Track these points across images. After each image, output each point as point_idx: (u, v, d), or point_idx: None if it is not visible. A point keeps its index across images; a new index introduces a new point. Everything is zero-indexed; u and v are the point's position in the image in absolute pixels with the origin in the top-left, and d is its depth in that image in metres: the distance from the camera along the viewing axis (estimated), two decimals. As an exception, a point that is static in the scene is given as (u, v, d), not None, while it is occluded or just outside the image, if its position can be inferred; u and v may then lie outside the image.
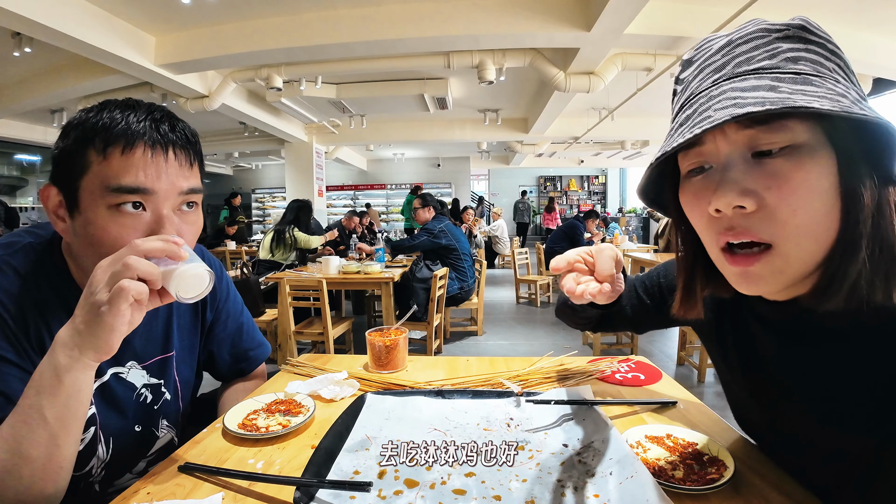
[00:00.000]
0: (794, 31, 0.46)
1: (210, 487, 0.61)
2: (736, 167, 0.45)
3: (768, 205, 0.44)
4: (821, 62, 0.45)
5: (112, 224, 0.63)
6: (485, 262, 4.40)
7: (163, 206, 0.66)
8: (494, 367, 1.03)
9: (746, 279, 0.48)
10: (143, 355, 0.82)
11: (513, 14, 3.95)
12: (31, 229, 0.75)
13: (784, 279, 0.47)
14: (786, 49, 0.45)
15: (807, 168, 0.43)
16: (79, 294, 0.71)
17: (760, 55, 0.46)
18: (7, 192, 8.71)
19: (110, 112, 0.65)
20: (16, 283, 0.67)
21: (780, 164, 0.43)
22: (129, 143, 0.63)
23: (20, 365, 0.65)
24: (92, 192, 0.63)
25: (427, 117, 8.27)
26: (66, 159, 0.65)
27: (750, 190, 0.44)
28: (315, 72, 5.06)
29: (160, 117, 0.67)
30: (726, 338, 0.65)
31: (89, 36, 3.86)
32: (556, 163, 13.77)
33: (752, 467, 0.62)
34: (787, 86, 0.43)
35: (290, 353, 3.00)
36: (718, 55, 0.49)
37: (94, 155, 0.63)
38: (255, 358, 1.04)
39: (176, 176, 0.67)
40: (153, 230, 0.65)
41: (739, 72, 0.46)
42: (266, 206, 13.85)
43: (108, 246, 0.64)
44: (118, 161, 0.63)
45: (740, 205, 0.44)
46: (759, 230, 0.45)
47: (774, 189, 0.43)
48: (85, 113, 0.66)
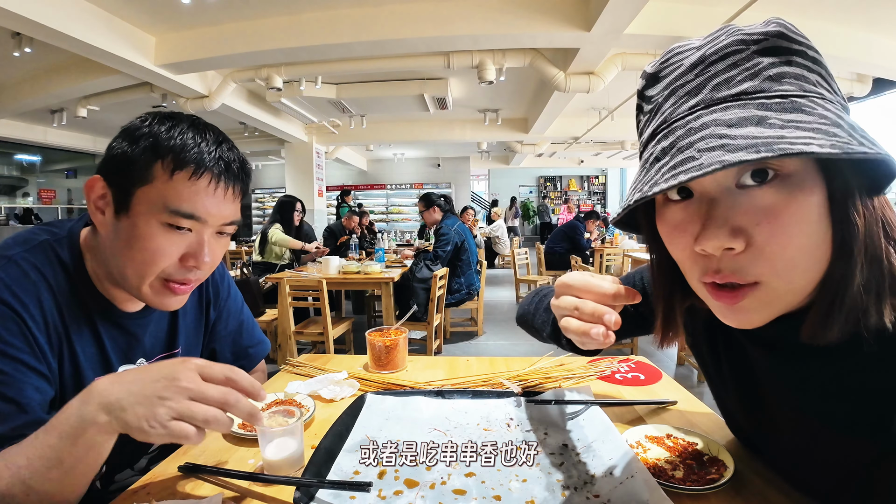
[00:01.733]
0: (773, 39, 0.42)
1: (210, 487, 0.61)
2: (723, 202, 0.42)
3: (757, 242, 0.41)
4: (804, 76, 0.42)
5: (159, 237, 0.66)
6: (485, 262, 4.40)
7: (207, 232, 0.69)
8: (494, 367, 1.03)
9: (734, 313, 0.45)
10: (151, 352, 0.84)
11: (513, 14, 3.95)
12: (45, 227, 0.75)
13: (773, 311, 0.45)
14: (766, 65, 0.41)
15: (798, 200, 0.40)
16: (94, 292, 0.73)
17: (740, 76, 0.42)
18: (7, 192, 8.71)
19: (183, 133, 0.67)
20: (35, 280, 0.67)
21: (770, 197, 0.40)
22: (197, 171, 0.66)
23: (36, 369, 0.65)
24: (148, 204, 0.65)
25: (427, 117, 8.27)
26: (127, 163, 0.66)
27: (739, 228, 0.41)
28: (315, 72, 5.07)
29: (227, 148, 0.71)
30: (718, 354, 0.63)
31: (89, 36, 3.86)
32: (556, 163, 13.77)
33: (752, 467, 0.62)
34: (776, 116, 0.39)
35: (290, 354, 3.00)
36: (691, 74, 0.44)
37: (161, 172, 0.65)
38: (256, 355, 1.04)
39: (227, 208, 0.71)
40: (192, 249, 0.69)
41: (719, 97, 0.42)
42: (266, 206, 13.85)
43: (146, 254, 0.67)
44: (184, 185, 0.66)
45: (730, 246, 0.41)
46: (746, 272, 0.42)
47: (764, 225, 0.40)
48: (156, 123, 0.67)
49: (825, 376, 0.50)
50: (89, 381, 0.72)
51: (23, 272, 0.66)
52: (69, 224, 0.76)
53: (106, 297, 0.75)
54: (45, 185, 10.21)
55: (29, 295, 0.65)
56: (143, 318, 0.80)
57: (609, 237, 6.77)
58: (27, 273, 0.66)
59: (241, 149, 0.78)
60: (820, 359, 0.49)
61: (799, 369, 0.51)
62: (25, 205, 8.75)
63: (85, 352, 0.72)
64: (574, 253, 5.29)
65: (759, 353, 0.55)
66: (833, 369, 0.49)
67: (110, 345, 0.76)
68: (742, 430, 0.69)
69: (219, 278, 0.97)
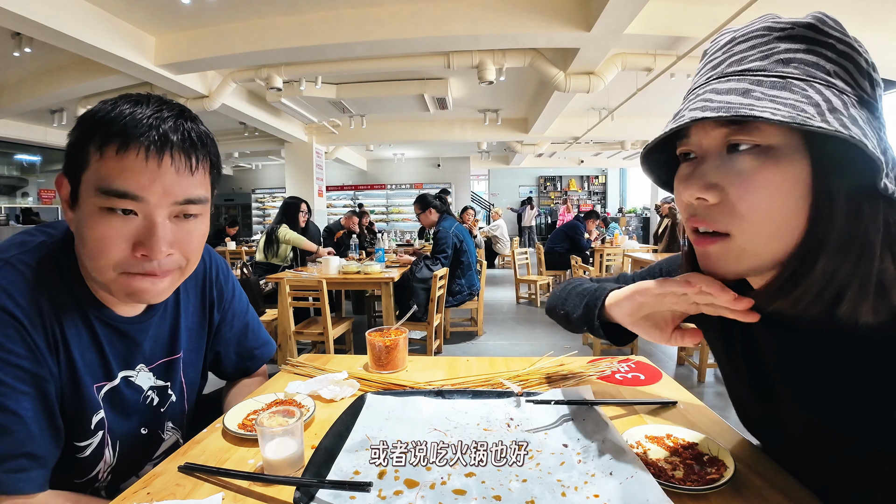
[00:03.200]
0: (800, 29, 0.45)
1: (210, 487, 0.61)
2: (709, 161, 0.48)
3: (730, 199, 0.46)
4: (818, 64, 0.44)
5: (100, 224, 0.61)
6: (485, 262, 4.40)
7: (155, 214, 0.62)
8: (494, 367, 1.03)
9: (706, 259, 0.51)
10: (151, 357, 0.82)
11: (513, 14, 3.95)
12: (42, 228, 0.74)
13: (740, 266, 0.49)
14: (782, 50, 0.45)
15: (770, 169, 0.44)
16: (89, 294, 0.71)
17: (754, 55, 0.46)
18: (7, 192, 8.71)
19: (120, 106, 0.62)
20: (32, 282, 0.65)
21: (747, 163, 0.45)
22: (123, 144, 0.60)
23: (36, 373, 0.64)
24: (87, 190, 0.62)
25: (427, 117, 8.27)
26: (71, 152, 0.63)
27: (713, 184, 0.47)
28: (315, 72, 5.06)
29: (167, 116, 0.63)
30: (732, 335, 0.65)
31: (89, 36, 3.85)
32: (556, 163, 13.76)
33: (752, 467, 0.62)
34: (762, 90, 0.43)
35: (290, 354, 3.00)
36: (720, 52, 0.50)
37: (94, 151, 0.61)
38: (261, 356, 1.04)
39: (172, 183, 0.62)
40: (142, 237, 0.62)
41: (728, 72, 0.47)
42: (266, 206, 13.85)
43: (91, 244, 0.62)
44: (112, 161, 0.60)
45: (702, 197, 0.47)
46: (717, 221, 0.48)
47: (737, 185, 0.45)
48: (102, 104, 0.64)
49: (825, 358, 0.51)
50: (87, 387, 0.71)
51: (20, 275, 0.64)
52: (65, 225, 0.73)
53: (101, 300, 0.73)
54: (45, 185, 10.21)
55: (27, 299, 0.64)
56: (142, 323, 0.78)
57: (609, 237, 6.78)
58: (25, 276, 0.65)
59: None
60: (817, 341, 0.51)
61: (800, 352, 0.54)
62: (25, 205, 8.75)
63: (84, 357, 0.71)
64: (574, 253, 5.29)
65: (766, 332, 0.57)
66: (832, 352, 0.50)
67: (110, 350, 0.74)
68: (748, 418, 0.69)
69: (223, 280, 0.95)
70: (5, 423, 0.60)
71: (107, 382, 0.75)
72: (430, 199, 4.07)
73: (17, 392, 0.61)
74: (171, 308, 0.85)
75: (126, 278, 0.65)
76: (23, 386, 0.62)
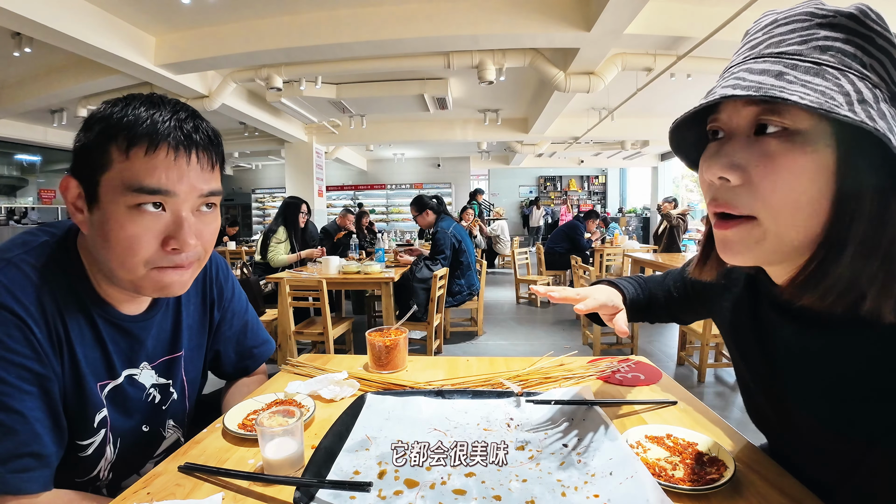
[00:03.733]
0: (842, 18, 0.45)
1: (210, 487, 0.61)
2: (735, 141, 0.48)
3: (752, 180, 0.46)
4: (855, 55, 0.44)
5: (130, 223, 0.63)
6: (485, 262, 4.40)
7: (182, 208, 0.66)
8: (494, 367, 1.03)
9: (725, 245, 0.50)
10: (154, 355, 0.82)
11: (513, 14, 3.95)
12: (44, 227, 0.74)
13: (760, 252, 0.49)
14: (821, 37, 0.45)
15: (796, 152, 0.44)
16: (94, 294, 0.72)
17: (793, 39, 0.46)
18: (7, 192, 8.71)
19: (135, 109, 0.64)
20: (36, 282, 0.65)
21: (773, 145, 0.45)
22: (152, 144, 0.63)
23: (41, 373, 0.64)
24: (112, 190, 0.63)
25: (427, 117, 8.27)
26: (87, 153, 0.64)
27: (738, 164, 0.47)
28: (315, 72, 5.06)
29: (185, 117, 0.67)
30: (744, 324, 0.66)
31: (89, 36, 3.85)
32: (556, 163, 13.75)
33: (752, 467, 0.62)
34: (796, 74, 0.43)
35: (290, 353, 3.00)
36: (760, 32, 0.50)
37: (117, 153, 0.63)
38: (260, 355, 1.04)
39: (197, 178, 0.67)
40: (171, 231, 0.66)
41: (765, 53, 0.47)
42: (266, 206, 13.85)
43: (123, 243, 0.64)
44: (141, 161, 0.63)
45: (725, 177, 0.47)
46: (738, 203, 0.47)
47: (761, 167, 0.45)
48: (109, 106, 0.65)
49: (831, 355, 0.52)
50: (90, 385, 0.71)
51: (23, 274, 0.65)
52: (68, 224, 0.74)
53: (106, 299, 0.73)
54: (45, 185, 10.21)
55: (30, 298, 0.64)
56: (145, 321, 0.79)
57: (609, 237, 6.77)
58: (28, 275, 0.65)
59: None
60: (831, 336, 0.51)
61: (810, 345, 0.54)
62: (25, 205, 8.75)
63: (87, 356, 0.71)
64: (574, 253, 5.28)
65: (780, 328, 0.58)
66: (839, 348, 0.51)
67: (113, 348, 0.75)
68: (757, 413, 0.69)
69: (223, 279, 0.96)
70: (10, 423, 0.60)
71: (110, 381, 0.75)
72: (427, 199, 4.06)
73: (21, 392, 0.61)
74: (173, 306, 0.86)
75: (156, 273, 0.67)
76: (27, 385, 0.62)
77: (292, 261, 4.05)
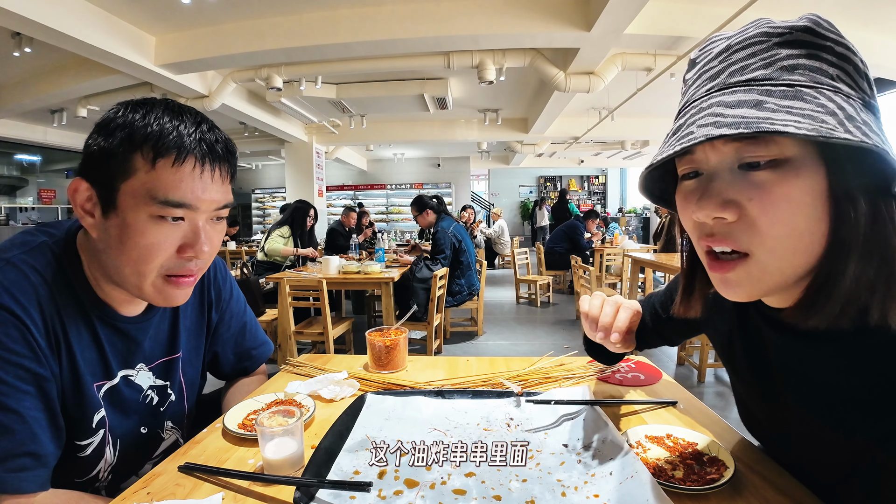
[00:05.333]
0: (798, 33, 0.44)
1: (210, 487, 0.61)
2: (721, 178, 0.46)
3: (749, 215, 0.44)
4: (821, 69, 0.43)
5: (151, 231, 0.64)
6: (485, 262, 4.40)
7: (200, 219, 0.68)
8: (494, 367, 1.03)
9: (725, 284, 0.49)
10: (151, 357, 0.82)
11: (513, 14, 3.95)
12: (43, 228, 0.74)
13: (762, 287, 0.47)
14: (784, 56, 0.44)
15: (790, 182, 0.43)
16: (92, 295, 0.72)
17: (756, 63, 0.45)
18: (7, 192, 8.71)
19: (159, 119, 0.64)
20: (36, 283, 0.65)
21: (765, 177, 0.43)
22: (179, 157, 0.64)
23: (38, 373, 0.64)
24: (135, 198, 0.63)
25: (427, 117, 8.27)
26: (106, 159, 0.64)
27: (731, 201, 0.45)
28: (315, 72, 5.06)
29: (207, 129, 0.68)
30: (735, 339, 0.65)
31: (89, 36, 3.85)
32: (556, 163, 13.76)
33: (752, 467, 0.62)
34: (774, 101, 0.42)
35: (290, 353, 3.00)
36: (716, 61, 0.48)
37: (142, 162, 0.63)
38: (259, 357, 1.04)
39: (216, 192, 0.69)
40: (189, 240, 0.67)
41: (731, 83, 0.45)
42: (266, 206, 13.84)
43: (141, 250, 0.65)
44: (168, 173, 0.63)
45: (720, 216, 0.45)
46: (738, 239, 0.46)
47: (756, 200, 0.44)
48: (129, 112, 0.65)
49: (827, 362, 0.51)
50: (88, 386, 0.71)
51: (22, 275, 0.65)
52: (67, 224, 0.74)
53: (104, 300, 0.73)
54: (45, 185, 10.21)
55: (29, 298, 0.64)
56: (143, 323, 0.79)
57: (609, 237, 6.77)
58: (27, 275, 0.65)
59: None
60: (825, 344, 0.50)
61: (805, 353, 0.53)
62: (25, 205, 8.75)
63: (84, 357, 0.71)
64: (574, 253, 5.29)
65: (770, 334, 0.57)
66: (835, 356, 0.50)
67: (110, 349, 0.75)
68: (751, 420, 0.69)
69: (221, 280, 0.96)
70: (7, 423, 0.60)
71: (106, 381, 0.75)
72: (427, 199, 4.06)
73: (18, 391, 0.61)
74: (171, 308, 0.85)
75: (163, 283, 0.69)
76: (24, 385, 0.62)
77: (287, 253, 4.06)
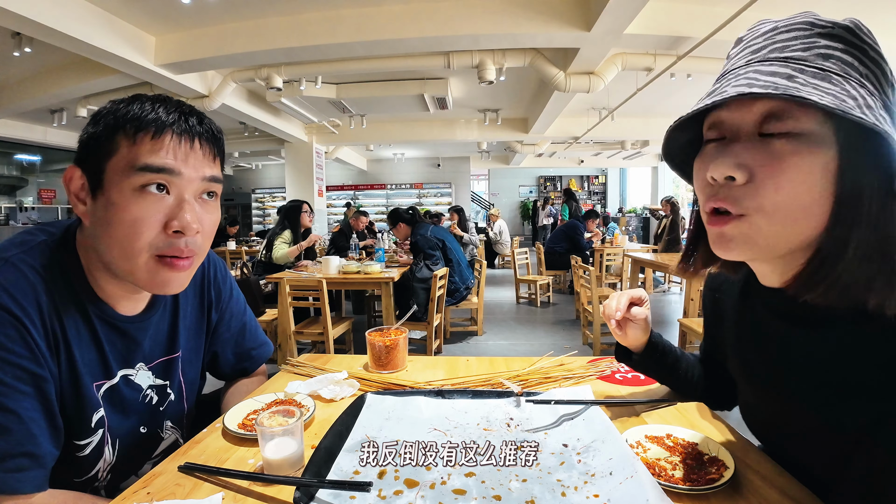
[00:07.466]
0: (839, 30, 0.47)
1: (210, 487, 0.61)
2: (741, 142, 0.49)
3: (756, 180, 0.47)
4: (853, 64, 0.46)
5: (134, 205, 0.64)
6: (485, 262, 4.40)
7: (186, 191, 0.68)
8: (494, 367, 1.03)
9: (720, 240, 0.51)
10: (150, 356, 0.82)
11: (513, 14, 3.95)
12: (42, 227, 0.74)
13: (754, 248, 0.50)
14: (822, 45, 0.47)
15: (803, 155, 0.45)
16: (92, 295, 0.72)
17: (796, 45, 0.48)
18: (7, 192, 8.71)
19: (141, 104, 0.67)
20: (34, 282, 0.65)
21: (782, 146, 0.46)
22: (158, 131, 0.66)
23: (36, 373, 0.64)
24: (118, 173, 0.65)
25: (427, 117, 8.27)
26: (94, 143, 0.66)
27: (744, 164, 0.48)
28: (315, 72, 5.06)
29: (188, 111, 0.70)
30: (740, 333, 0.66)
31: (89, 36, 3.85)
32: (556, 163, 13.75)
33: (752, 467, 0.62)
34: (805, 78, 0.45)
35: (290, 353, 3.00)
36: (761, 38, 0.51)
37: (124, 140, 0.65)
38: (258, 357, 1.04)
39: (200, 162, 0.69)
40: (174, 214, 0.67)
41: (771, 57, 0.48)
42: (266, 206, 13.85)
43: (126, 226, 0.65)
44: (147, 144, 0.65)
45: (731, 175, 0.48)
46: (739, 202, 0.48)
47: (768, 167, 0.46)
48: (115, 104, 0.68)
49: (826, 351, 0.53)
50: (87, 386, 0.71)
51: (21, 274, 0.65)
52: (65, 224, 0.74)
53: (103, 299, 0.73)
54: (45, 185, 10.21)
55: (28, 298, 0.64)
56: (142, 322, 0.79)
57: (609, 237, 6.77)
58: (25, 275, 0.65)
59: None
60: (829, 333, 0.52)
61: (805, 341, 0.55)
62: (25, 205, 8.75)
63: (83, 356, 0.71)
64: (574, 252, 5.28)
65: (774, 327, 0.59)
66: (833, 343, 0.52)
67: (109, 349, 0.74)
68: (753, 417, 0.70)
69: (221, 280, 0.96)
70: (5, 423, 0.60)
71: (106, 381, 0.75)
72: (401, 212, 4.03)
73: (16, 392, 0.61)
74: (170, 307, 0.86)
75: (156, 264, 0.68)
76: (23, 386, 0.62)
77: (294, 253, 4.05)
